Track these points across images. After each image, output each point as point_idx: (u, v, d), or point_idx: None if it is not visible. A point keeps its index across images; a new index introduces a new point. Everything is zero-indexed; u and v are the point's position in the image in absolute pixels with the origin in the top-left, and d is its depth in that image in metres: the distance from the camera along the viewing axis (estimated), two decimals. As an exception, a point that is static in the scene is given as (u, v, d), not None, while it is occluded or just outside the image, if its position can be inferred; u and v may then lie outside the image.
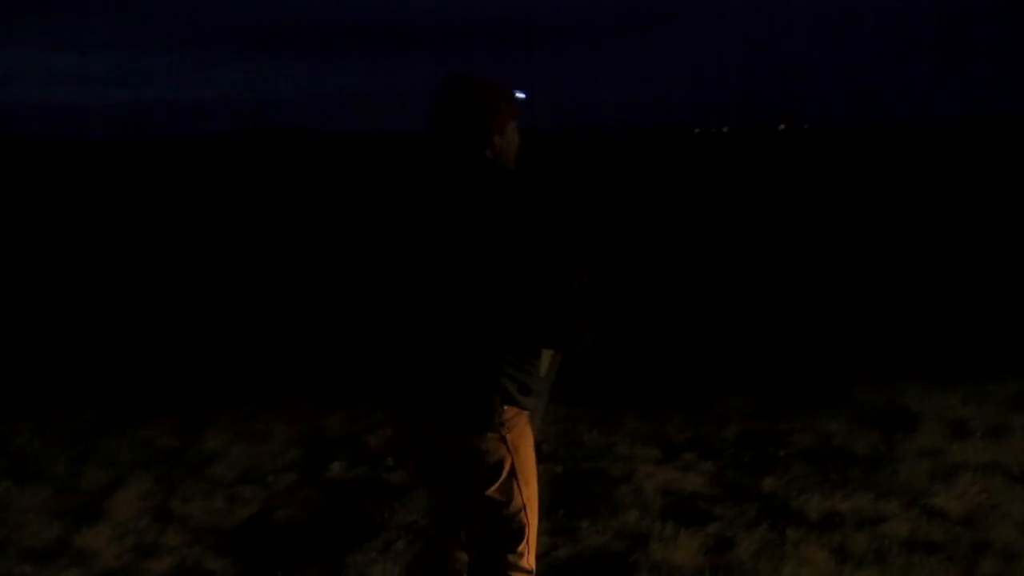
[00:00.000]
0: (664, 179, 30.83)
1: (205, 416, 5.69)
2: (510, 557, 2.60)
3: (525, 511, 2.59)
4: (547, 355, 2.61)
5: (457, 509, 2.67)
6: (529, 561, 2.63)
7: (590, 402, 5.79)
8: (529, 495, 2.59)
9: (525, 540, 2.59)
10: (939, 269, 10.51)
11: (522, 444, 2.56)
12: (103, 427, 5.53)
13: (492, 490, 2.54)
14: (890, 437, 4.97)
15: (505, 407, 2.48)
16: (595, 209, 19.26)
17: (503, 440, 2.51)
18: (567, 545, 3.90)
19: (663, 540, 3.88)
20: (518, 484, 2.56)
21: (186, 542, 4.08)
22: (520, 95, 2.59)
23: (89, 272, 12.22)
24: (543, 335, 2.46)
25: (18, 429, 5.47)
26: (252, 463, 4.94)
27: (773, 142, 78.01)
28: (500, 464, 2.53)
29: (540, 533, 3.98)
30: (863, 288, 9.46)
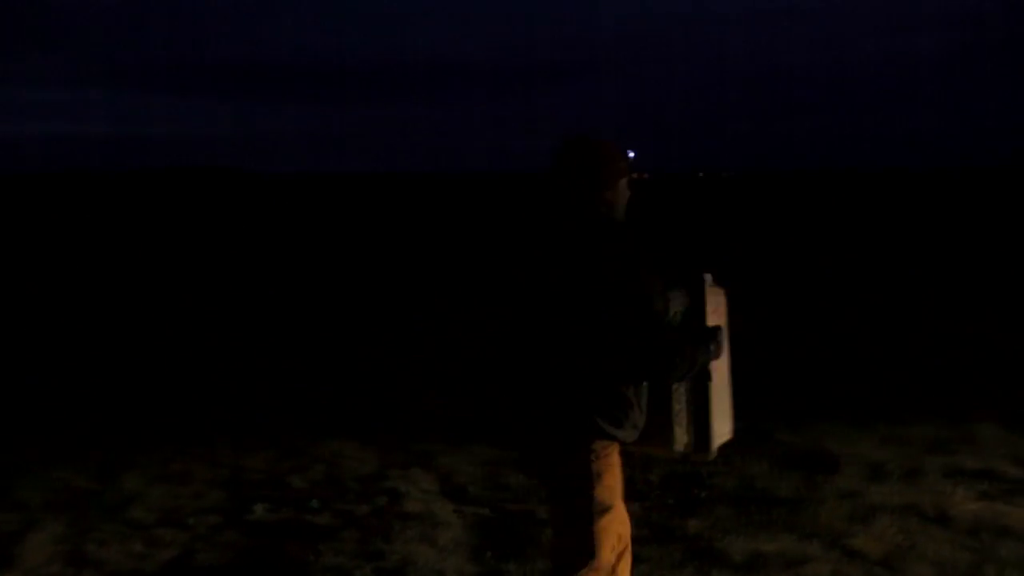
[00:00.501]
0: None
1: (123, 457, 5.54)
2: (581, 570, 2.76)
3: (597, 535, 2.76)
4: (676, 391, 2.88)
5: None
6: None
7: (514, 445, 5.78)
8: (604, 523, 2.77)
9: (595, 562, 2.76)
10: (853, 315, 10.81)
11: (607, 472, 2.77)
12: (14, 468, 5.34)
13: (570, 508, 2.77)
14: (811, 479, 5.06)
15: (596, 439, 2.73)
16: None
17: (588, 465, 2.74)
18: (495, 588, 3.88)
19: (591, 582, 3.88)
20: (594, 509, 2.75)
21: (102, 587, 3.95)
22: (631, 154, 2.90)
23: (9, 306, 11.85)
24: (640, 368, 2.71)
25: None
26: (172, 505, 4.81)
27: (694, 188, 79.60)
28: (581, 487, 2.75)
29: (468, 575, 3.97)
30: (782, 333, 9.67)
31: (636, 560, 4.07)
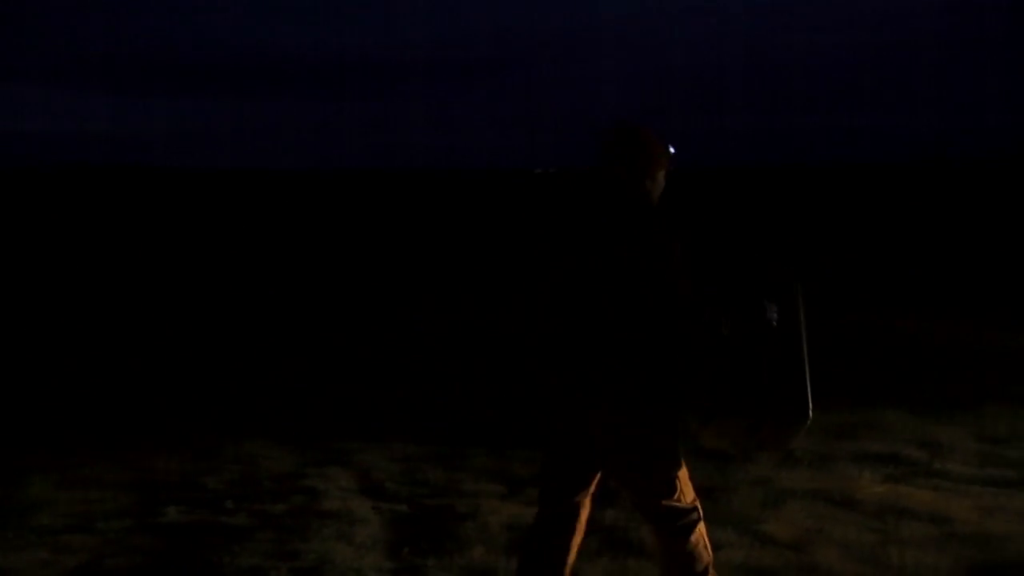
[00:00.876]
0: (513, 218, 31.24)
1: (30, 462, 5.37)
2: (665, 502, 3.09)
3: (671, 475, 3.09)
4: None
5: (621, 477, 3.18)
6: (685, 500, 3.11)
7: (435, 440, 5.79)
8: (676, 471, 3.09)
9: (679, 489, 3.10)
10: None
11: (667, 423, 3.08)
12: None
13: (645, 456, 3.06)
14: (724, 467, 5.15)
15: (651, 402, 3.00)
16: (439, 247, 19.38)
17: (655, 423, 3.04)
18: (413, 583, 3.88)
19: (508, 575, 3.90)
20: (666, 463, 3.08)
21: (6, 596, 3.83)
22: (672, 150, 3.09)
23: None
24: (679, 337, 2.98)
25: None
26: (81, 510, 4.67)
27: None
28: (648, 437, 3.05)
29: (386, 572, 3.96)
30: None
31: (552, 551, 4.11)
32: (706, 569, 3.13)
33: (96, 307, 11.66)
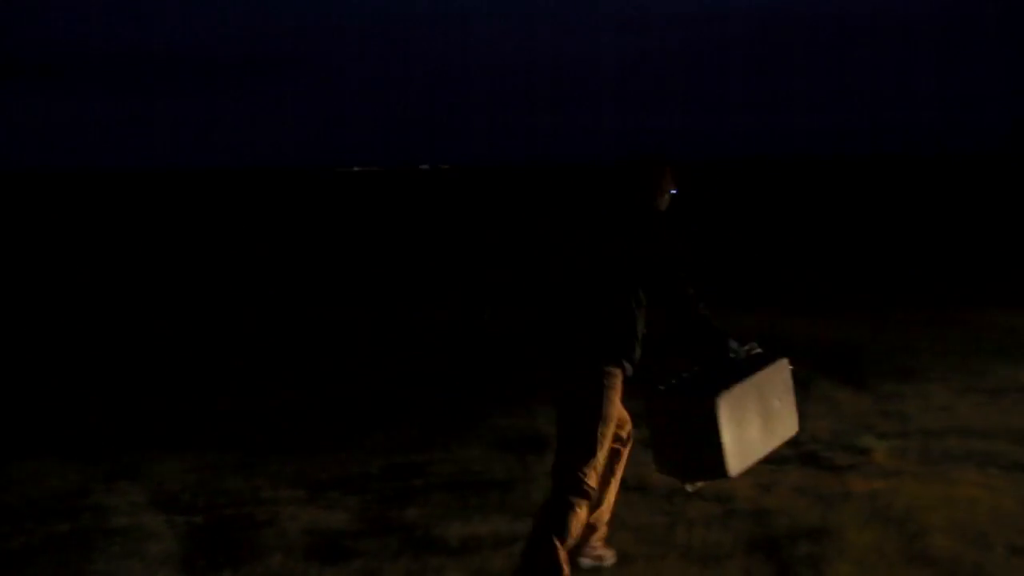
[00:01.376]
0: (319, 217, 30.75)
1: None
2: (577, 472, 3.60)
3: (597, 441, 3.60)
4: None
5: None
6: (591, 482, 3.62)
7: (233, 447, 5.63)
8: (603, 432, 3.62)
9: (591, 463, 3.61)
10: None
11: (613, 393, 3.63)
12: None
13: (582, 417, 3.60)
14: (524, 460, 5.27)
15: (611, 365, 3.61)
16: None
17: (601, 383, 3.59)
18: (208, 597, 3.76)
19: (307, 581, 3.85)
20: (597, 419, 3.59)
21: None
22: (674, 192, 3.83)
23: None
24: (662, 299, 3.65)
25: None
26: None
27: (412, 181, 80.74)
28: (594, 400, 3.59)
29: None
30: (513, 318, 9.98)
31: (351, 554, 4.11)
32: (565, 543, 3.58)
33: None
